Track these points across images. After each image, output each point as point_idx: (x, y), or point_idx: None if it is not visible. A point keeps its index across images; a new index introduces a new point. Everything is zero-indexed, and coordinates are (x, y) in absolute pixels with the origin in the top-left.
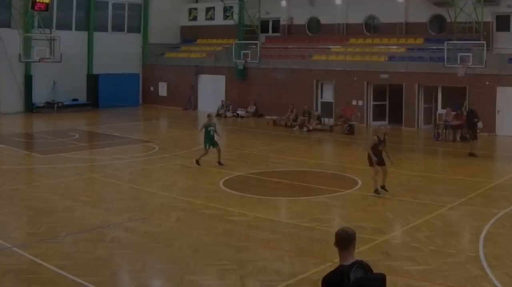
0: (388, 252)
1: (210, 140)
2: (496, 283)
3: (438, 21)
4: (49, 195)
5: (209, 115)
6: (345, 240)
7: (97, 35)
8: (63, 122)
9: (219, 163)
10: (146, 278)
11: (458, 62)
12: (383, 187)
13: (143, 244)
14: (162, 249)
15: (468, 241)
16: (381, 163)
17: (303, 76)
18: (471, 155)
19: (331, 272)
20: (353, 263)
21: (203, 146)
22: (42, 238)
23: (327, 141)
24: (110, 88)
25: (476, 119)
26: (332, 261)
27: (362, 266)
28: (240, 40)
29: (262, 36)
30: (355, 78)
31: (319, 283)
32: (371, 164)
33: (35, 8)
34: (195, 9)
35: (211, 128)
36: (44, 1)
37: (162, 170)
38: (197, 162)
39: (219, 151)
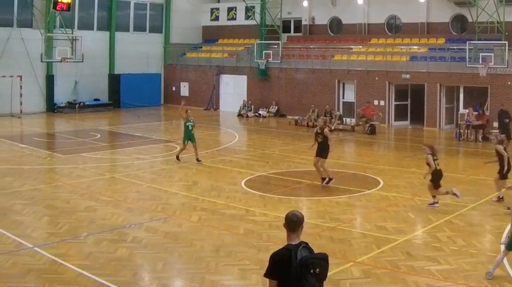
0: (409, 252)
1: (188, 135)
2: None
3: (459, 21)
4: (71, 195)
5: (187, 111)
6: (294, 223)
7: (119, 35)
8: (84, 122)
9: (197, 160)
10: (167, 278)
11: (480, 62)
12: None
13: (164, 244)
14: (183, 249)
15: (489, 241)
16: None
17: (325, 76)
18: None
19: (279, 250)
20: (299, 243)
21: (184, 141)
22: (63, 238)
23: (349, 142)
24: (131, 88)
25: (507, 120)
26: (353, 261)
27: (307, 246)
28: (261, 40)
29: (284, 36)
30: (376, 78)
31: (341, 283)
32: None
33: (57, 8)
34: (217, 9)
35: (190, 123)
36: (66, 1)
37: (183, 170)
38: (177, 157)
39: (195, 148)
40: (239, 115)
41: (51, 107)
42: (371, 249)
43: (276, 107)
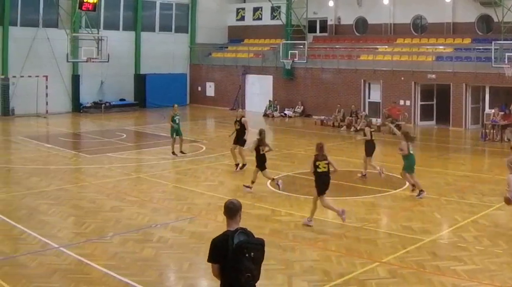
0: (435, 252)
1: (175, 129)
2: None
3: (485, 21)
4: (96, 195)
5: (173, 106)
6: (232, 210)
7: (145, 35)
8: (110, 122)
9: (181, 152)
10: (192, 278)
11: (506, 62)
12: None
13: (190, 244)
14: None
15: None
16: None
17: (350, 76)
18: None
19: (219, 236)
20: (237, 229)
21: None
22: (89, 238)
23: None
24: (157, 88)
25: None
26: (379, 261)
27: (244, 231)
28: (287, 40)
29: (310, 36)
30: (402, 78)
31: (367, 283)
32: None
33: (83, 8)
34: (243, 9)
35: (177, 117)
36: (92, 1)
37: (209, 170)
38: (173, 153)
39: (181, 140)
40: (265, 115)
41: (77, 107)
42: (397, 249)
43: (302, 107)
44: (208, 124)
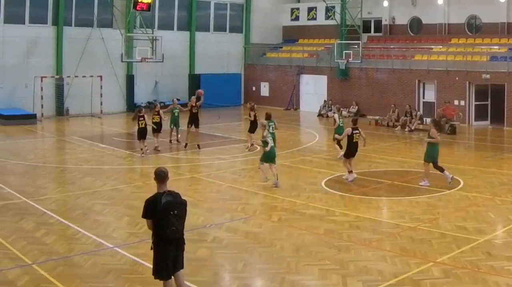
0: (489, 252)
1: (174, 121)
2: None
3: None
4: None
5: (173, 100)
6: (161, 177)
7: (199, 35)
8: (164, 122)
9: (177, 140)
10: (247, 278)
11: None
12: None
13: (244, 244)
14: (264, 249)
15: None
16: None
17: (405, 76)
18: None
19: (151, 196)
20: (165, 191)
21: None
22: (143, 238)
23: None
24: (212, 88)
25: None
26: (434, 261)
27: (171, 193)
28: (342, 40)
29: (364, 36)
30: (456, 78)
31: (421, 283)
32: None
33: (137, 8)
34: (297, 9)
35: (176, 111)
36: (146, 1)
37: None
38: (170, 141)
39: (177, 131)
40: (319, 115)
41: (131, 107)
42: (451, 249)
43: (357, 107)
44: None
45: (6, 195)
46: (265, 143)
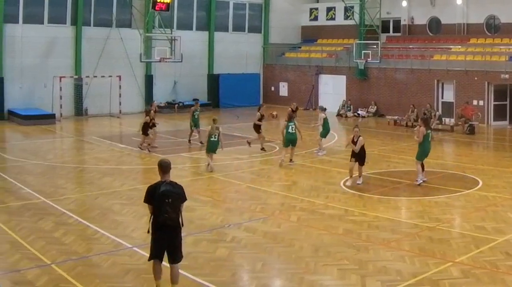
0: (508, 252)
1: (195, 122)
2: None
3: None
4: None
5: (195, 104)
6: (165, 167)
7: (218, 35)
8: (183, 122)
9: (200, 142)
10: (266, 278)
11: None
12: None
13: (263, 244)
14: (282, 249)
15: None
16: None
17: (424, 76)
18: None
19: (153, 184)
20: (165, 181)
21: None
22: None
23: (448, 142)
24: (230, 88)
25: None
26: (452, 261)
27: (171, 183)
28: (360, 40)
29: (383, 36)
30: (475, 78)
31: (440, 283)
32: None
33: (156, 8)
34: (316, 9)
35: (197, 113)
36: (165, 1)
37: (282, 170)
38: (189, 141)
39: (198, 132)
40: (338, 115)
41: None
42: (470, 249)
43: (375, 107)
44: (282, 124)
45: (25, 195)
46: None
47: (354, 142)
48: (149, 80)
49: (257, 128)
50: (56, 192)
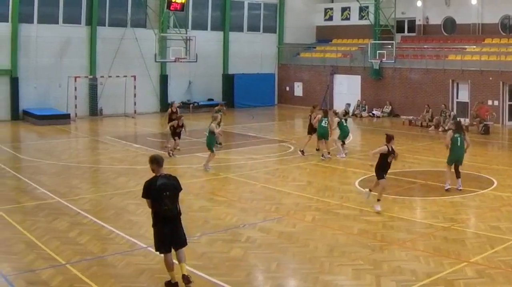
0: None
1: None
2: None
3: None
4: (184, 194)
5: (221, 106)
6: (158, 161)
7: (233, 35)
8: (198, 122)
9: (219, 143)
10: (281, 278)
11: None
12: None
13: (278, 244)
14: (297, 249)
15: None
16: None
17: (438, 76)
18: None
19: (150, 179)
20: (161, 174)
21: None
22: None
23: None
24: (245, 88)
25: None
26: (467, 261)
27: (166, 176)
28: (375, 40)
29: (398, 36)
30: (490, 78)
31: (455, 283)
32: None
33: (171, 8)
34: (331, 9)
35: (219, 113)
36: (180, 1)
37: (297, 170)
38: (219, 143)
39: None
40: (353, 115)
41: (165, 107)
42: (485, 249)
43: (390, 107)
44: (297, 124)
45: (40, 195)
46: None
47: (393, 151)
48: (164, 80)
49: (311, 130)
50: (71, 192)
